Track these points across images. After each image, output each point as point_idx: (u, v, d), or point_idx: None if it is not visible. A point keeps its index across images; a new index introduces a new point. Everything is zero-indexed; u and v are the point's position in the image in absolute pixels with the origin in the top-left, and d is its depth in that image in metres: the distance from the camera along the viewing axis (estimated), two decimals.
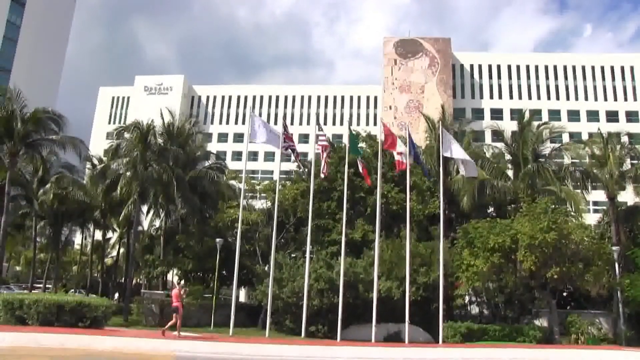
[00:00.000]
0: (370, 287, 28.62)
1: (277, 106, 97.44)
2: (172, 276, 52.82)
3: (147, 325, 33.66)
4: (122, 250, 56.81)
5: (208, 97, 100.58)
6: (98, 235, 56.05)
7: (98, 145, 79.11)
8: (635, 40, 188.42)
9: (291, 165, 48.98)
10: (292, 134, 30.18)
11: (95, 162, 50.39)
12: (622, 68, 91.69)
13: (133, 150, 40.01)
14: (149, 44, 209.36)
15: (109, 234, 58.62)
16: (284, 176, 49.48)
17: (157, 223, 50.44)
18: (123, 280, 54.02)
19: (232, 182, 50.99)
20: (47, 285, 55.09)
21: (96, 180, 46.35)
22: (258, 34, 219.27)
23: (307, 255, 29.00)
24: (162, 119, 45.14)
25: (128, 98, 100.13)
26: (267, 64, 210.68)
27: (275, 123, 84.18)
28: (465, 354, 23.35)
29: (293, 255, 40.06)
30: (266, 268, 35.90)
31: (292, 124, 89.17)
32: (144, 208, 46.41)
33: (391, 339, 29.21)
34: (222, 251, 38.23)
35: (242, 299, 57.13)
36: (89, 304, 23.35)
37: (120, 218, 44.05)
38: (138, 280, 59.39)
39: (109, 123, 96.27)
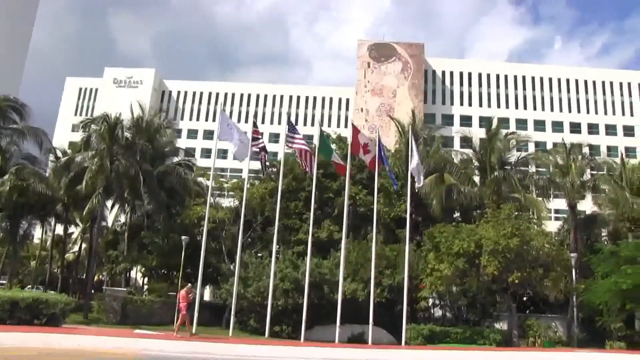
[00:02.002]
0: (335, 288, 28.70)
1: (248, 104, 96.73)
2: (136, 273, 52.19)
3: (108, 323, 33.19)
4: (84, 245, 55.70)
5: (179, 93, 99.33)
6: (59, 229, 54.76)
7: (63, 137, 77.42)
8: (601, 55, 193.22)
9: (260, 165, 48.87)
10: (262, 133, 30.07)
11: (59, 154, 49.22)
12: (586, 82, 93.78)
13: (100, 143, 39.41)
14: (126, 37, 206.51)
15: (71, 229, 57.41)
16: (253, 175, 49.32)
17: (122, 218, 49.74)
18: (84, 277, 53.07)
19: (200, 179, 50.64)
20: (1, 281, 53.64)
21: (59, 173, 45.35)
22: (238, 32, 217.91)
23: (273, 254, 28.97)
24: (132, 112, 44.55)
25: (96, 90, 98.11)
26: (246, 62, 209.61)
27: (246, 121, 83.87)
28: (427, 355, 23.64)
29: (259, 254, 40.05)
30: (232, 267, 35.80)
31: (262, 123, 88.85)
32: (109, 203, 45.64)
33: (355, 340, 29.41)
34: (188, 248, 37.97)
35: (206, 297, 56.75)
36: (46, 300, 22.16)
37: (84, 212, 43.11)
38: (100, 276, 58.47)
39: (76, 115, 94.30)
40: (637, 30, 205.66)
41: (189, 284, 26.65)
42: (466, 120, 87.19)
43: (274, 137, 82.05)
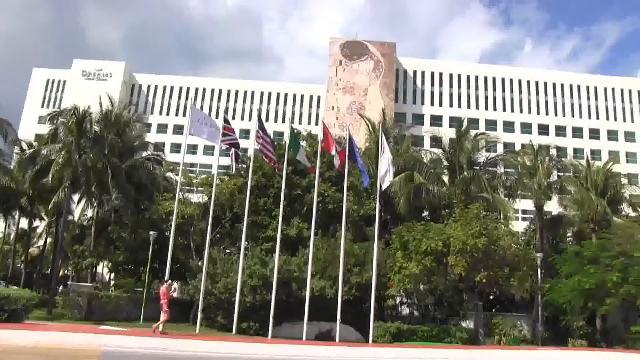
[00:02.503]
0: (303, 285, 28.66)
1: (219, 100, 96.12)
2: (103, 268, 51.45)
3: (73, 319, 32.60)
4: (49, 239, 54.69)
5: (149, 86, 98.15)
6: (23, 223, 53.69)
7: (29, 129, 75.84)
8: (570, 59, 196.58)
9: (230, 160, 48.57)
10: (232, 128, 29.81)
11: (25, 146, 48.22)
12: (554, 85, 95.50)
13: (67, 136, 38.72)
14: (96, 28, 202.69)
15: (36, 223, 56.32)
16: (223, 171, 49.00)
17: (89, 213, 49.00)
18: (49, 272, 52.12)
19: (170, 174, 50.13)
20: None
21: (25, 166, 44.50)
22: (210, 26, 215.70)
23: (242, 251, 28.79)
24: (101, 105, 43.87)
25: (64, 82, 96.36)
26: (218, 57, 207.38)
27: (217, 117, 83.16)
28: (393, 353, 23.76)
29: (228, 250, 39.82)
30: (200, 263, 35.47)
31: (233, 118, 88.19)
32: (76, 197, 44.92)
33: (322, 337, 29.40)
34: (156, 244, 37.59)
35: (174, 293, 56.25)
36: (7, 296, 21.60)
37: (50, 206, 42.34)
38: (65, 271, 57.51)
39: (43, 106, 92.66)
40: (603, 36, 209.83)
41: (169, 281, 26.54)
42: (436, 120, 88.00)
43: (245, 133, 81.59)
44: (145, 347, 19.05)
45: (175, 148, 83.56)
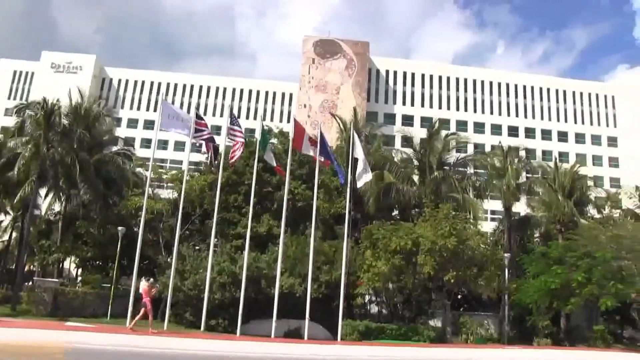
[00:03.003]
0: (273, 283, 28.60)
1: (191, 95, 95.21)
2: (70, 264, 50.69)
3: (38, 315, 32.08)
4: (15, 234, 53.66)
5: (120, 80, 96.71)
6: None
7: None
8: (542, 62, 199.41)
9: (201, 157, 48.24)
10: (206, 123, 29.57)
11: None
12: (525, 87, 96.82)
13: (35, 129, 38.07)
14: (68, 21, 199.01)
15: (1, 217, 55.26)
16: (193, 167, 48.69)
17: (56, 207, 48.16)
18: (14, 267, 51.11)
19: (139, 169, 49.59)
20: None
21: None
22: (183, 21, 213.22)
23: (211, 247, 28.63)
24: (70, 98, 43.20)
25: (32, 74, 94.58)
26: (191, 53, 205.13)
27: (189, 112, 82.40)
28: (360, 351, 23.85)
29: (197, 247, 39.53)
30: (169, 259, 35.20)
31: (205, 114, 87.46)
32: (43, 191, 44.13)
33: (291, 335, 29.42)
34: (124, 239, 37.16)
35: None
36: None
37: (15, 200, 41.59)
38: (31, 267, 56.45)
39: (9, 99, 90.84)
40: (574, 41, 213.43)
41: (151, 279, 26.40)
42: (408, 120, 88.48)
43: (216, 130, 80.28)
44: (112, 344, 18.73)
45: (146, 143, 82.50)
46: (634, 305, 36.18)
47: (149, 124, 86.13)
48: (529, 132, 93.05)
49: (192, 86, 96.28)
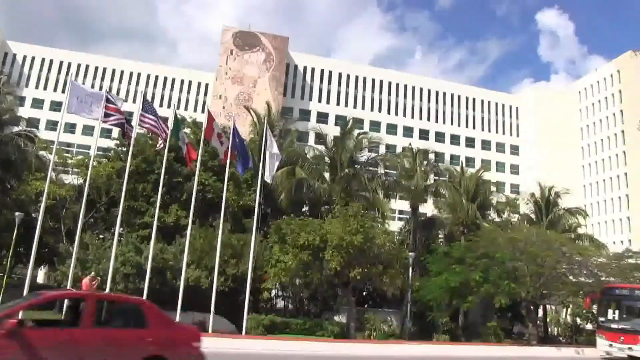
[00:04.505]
0: (178, 275, 28.03)
1: (102, 79, 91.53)
2: None
3: None
4: None
5: (26, 57, 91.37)
6: None
7: None
8: (456, 70, 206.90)
9: (111, 142, 46.60)
10: (119, 107, 28.43)
11: None
12: (437, 93, 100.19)
13: None
14: None
15: None
16: (101, 153, 46.85)
17: None
18: None
19: (43, 152, 47.11)
20: None
21: None
22: (103, 1, 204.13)
23: (116, 236, 27.67)
24: None
25: None
26: (108, 35, 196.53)
27: None
28: (263, 345, 23.84)
29: (101, 236, 38.13)
30: (70, 248, 33.68)
31: None
32: None
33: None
34: (22, 226, 35.18)
35: (40, 279, 53.11)
36: None
37: None
38: None
39: None
40: (487, 53, 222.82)
41: (92, 273, 25.34)
42: (323, 117, 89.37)
43: (127, 116, 78.19)
44: None
45: (52, 125, 78.45)
46: (524, 304, 38.33)
47: (57, 106, 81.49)
48: (439, 136, 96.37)
49: (104, 69, 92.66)
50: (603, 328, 26.36)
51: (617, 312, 26.06)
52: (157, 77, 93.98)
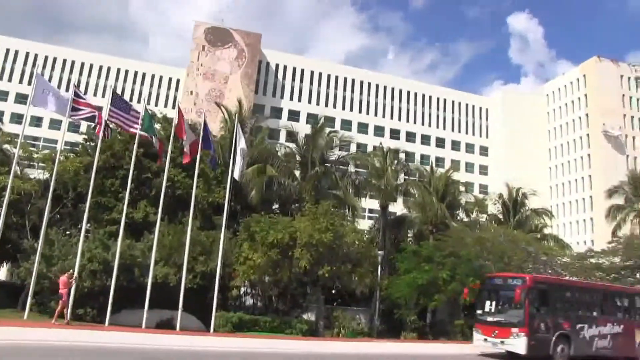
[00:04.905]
0: (147, 272, 27.78)
1: (71, 72, 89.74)
2: None
3: None
4: None
5: None
6: None
7: None
8: (428, 71, 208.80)
9: (78, 137, 45.83)
10: (87, 101, 28.08)
11: None
12: (409, 93, 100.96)
13: None
14: None
15: None
16: (69, 147, 46.12)
17: None
18: None
19: (7, 146, 46.15)
20: None
21: None
22: None
23: (82, 232, 27.34)
24: None
25: None
26: (81, 27, 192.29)
27: (67, 90, 78.11)
28: (231, 343, 23.79)
29: (68, 232, 37.52)
30: (35, 244, 33.10)
31: (85, 93, 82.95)
32: None
33: (164, 326, 28.72)
34: None
35: (2, 276, 52.02)
36: None
37: None
38: None
39: None
40: (459, 55, 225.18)
41: (70, 270, 24.87)
42: (294, 115, 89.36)
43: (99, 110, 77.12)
44: None
45: (17, 119, 76.89)
46: None
47: (22, 98, 79.96)
48: (410, 136, 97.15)
49: (73, 62, 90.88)
50: (480, 321, 24.25)
51: (493, 303, 23.94)
52: (127, 71, 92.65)
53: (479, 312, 24.65)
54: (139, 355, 17.23)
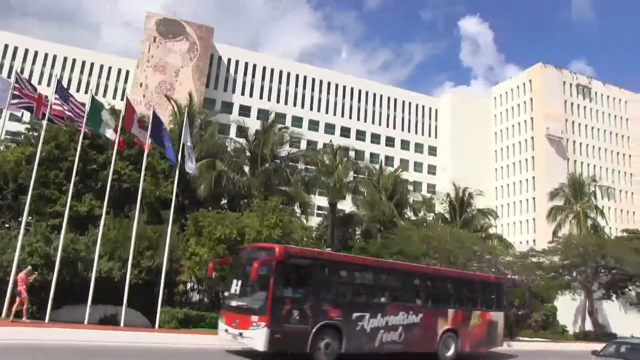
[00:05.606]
0: (90, 266, 27.14)
1: (13, 58, 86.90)
2: None
3: None
4: None
5: None
6: None
7: None
8: (381, 70, 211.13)
9: (20, 127, 44.51)
10: (34, 89, 27.23)
11: None
12: (360, 91, 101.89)
13: None
14: None
15: None
16: (10, 137, 44.68)
17: None
18: None
19: None
20: None
21: None
22: None
23: (23, 225, 26.46)
24: None
25: None
26: (26, 13, 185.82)
27: (9, 76, 75.37)
28: (174, 339, 23.60)
29: (7, 225, 36.36)
30: None
31: (29, 82, 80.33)
32: None
33: (107, 322, 28.12)
34: None
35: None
36: None
37: None
38: None
39: None
40: (411, 55, 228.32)
41: (29, 267, 23.94)
42: (245, 110, 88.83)
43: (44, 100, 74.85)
44: None
45: None
46: None
47: None
48: (360, 135, 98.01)
49: (16, 48, 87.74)
50: (224, 306, 19.27)
51: (239, 283, 18.26)
52: (74, 60, 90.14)
53: (226, 294, 20.00)
54: (89, 352, 16.91)
